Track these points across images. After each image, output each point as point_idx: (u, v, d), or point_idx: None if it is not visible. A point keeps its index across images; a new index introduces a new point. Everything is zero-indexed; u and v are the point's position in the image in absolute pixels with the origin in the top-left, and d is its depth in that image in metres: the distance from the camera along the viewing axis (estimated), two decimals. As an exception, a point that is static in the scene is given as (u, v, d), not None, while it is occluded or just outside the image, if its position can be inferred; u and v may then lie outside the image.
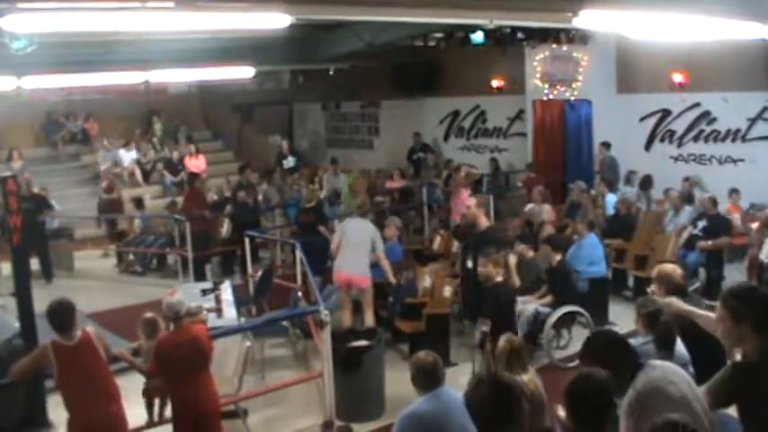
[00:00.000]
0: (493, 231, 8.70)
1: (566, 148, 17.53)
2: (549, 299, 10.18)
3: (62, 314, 6.10)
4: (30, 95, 20.13)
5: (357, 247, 10.54)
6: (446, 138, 20.77)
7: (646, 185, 15.21)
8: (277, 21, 9.76)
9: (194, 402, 6.58)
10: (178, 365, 6.53)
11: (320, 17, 13.58)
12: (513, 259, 10.83)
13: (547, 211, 13.60)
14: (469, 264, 9.68)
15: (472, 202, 8.78)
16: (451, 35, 17.80)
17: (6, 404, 7.77)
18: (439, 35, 18.14)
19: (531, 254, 10.80)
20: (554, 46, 17.05)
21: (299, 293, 11.12)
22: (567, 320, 10.16)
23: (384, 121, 22.27)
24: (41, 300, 7.59)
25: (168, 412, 7.32)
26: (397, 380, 8.13)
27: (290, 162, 20.11)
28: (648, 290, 6.52)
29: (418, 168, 19.90)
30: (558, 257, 10.35)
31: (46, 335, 6.39)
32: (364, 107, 22.65)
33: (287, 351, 10.82)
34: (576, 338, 9.91)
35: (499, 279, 8.68)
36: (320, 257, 11.47)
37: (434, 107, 20.79)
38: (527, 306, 10.02)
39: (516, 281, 10.66)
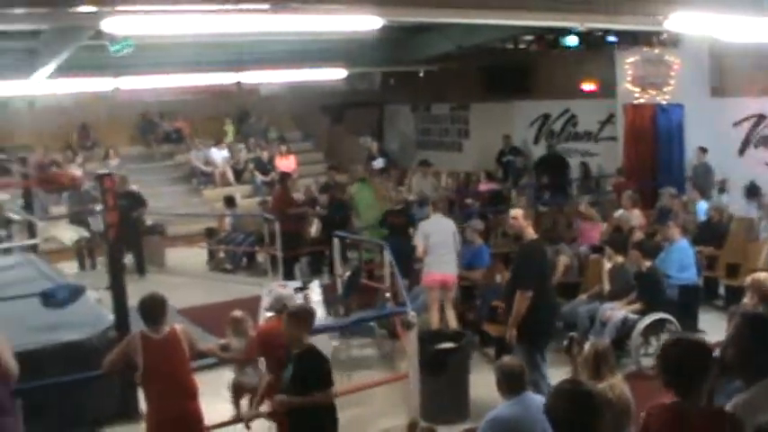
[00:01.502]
0: (537, 243, 8.54)
1: (657, 153, 17.21)
2: (637, 305, 10.02)
3: (153, 308, 6.27)
4: (126, 96, 20.59)
5: (446, 245, 10.63)
6: (536, 141, 20.62)
7: (753, 193, 14.70)
8: (369, 23, 9.85)
9: None
10: (276, 354, 6.66)
11: (411, 19, 13.62)
12: (606, 264, 10.75)
13: (637, 217, 13.39)
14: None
15: (519, 213, 8.63)
16: (542, 38, 17.69)
17: (102, 395, 7.99)
18: (529, 38, 18.03)
19: (620, 259, 10.67)
20: (645, 49, 16.77)
21: (387, 294, 11.17)
22: (656, 328, 9.97)
23: (474, 124, 22.16)
24: (134, 294, 7.79)
25: (262, 407, 7.45)
26: (483, 383, 8.12)
27: (379, 163, 20.19)
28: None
29: (507, 171, 19.78)
30: (648, 263, 10.19)
31: (138, 327, 6.57)
32: (454, 109, 22.59)
33: (373, 351, 10.88)
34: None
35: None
36: (408, 259, 11.51)
37: (524, 110, 20.63)
38: (615, 312, 9.90)
39: (606, 286, 10.57)
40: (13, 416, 5.51)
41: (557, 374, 7.52)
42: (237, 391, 7.61)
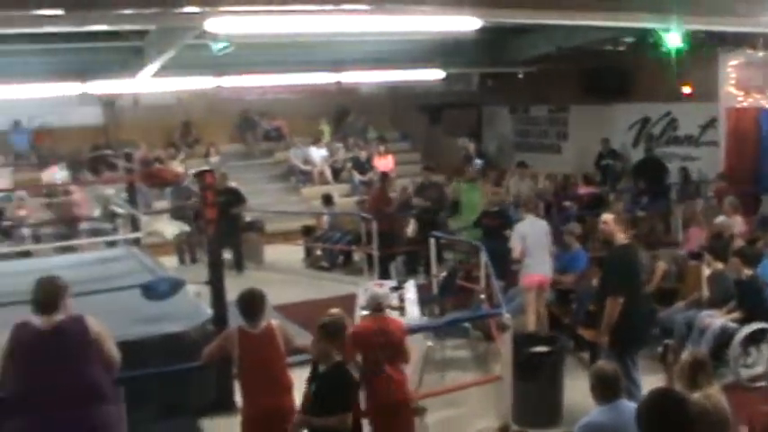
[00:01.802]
0: (628, 248, 8.38)
1: (759, 158, 16.80)
2: (737, 314, 9.76)
3: (252, 303, 6.39)
4: (227, 94, 20.96)
5: (543, 246, 10.63)
6: (635, 144, 20.28)
7: None
8: (467, 24, 9.85)
9: (386, 392, 6.75)
10: (372, 353, 6.73)
11: (510, 20, 13.55)
12: (706, 271, 10.55)
13: (738, 223, 13.08)
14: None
15: (610, 217, 8.49)
16: (643, 39, 17.40)
17: (200, 386, 8.17)
18: (630, 39, 17.76)
19: (720, 266, 10.44)
20: (749, 51, 16.38)
21: (482, 296, 11.15)
22: (757, 338, 9.68)
23: (572, 126, 21.91)
24: (232, 289, 7.93)
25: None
26: (577, 388, 8.01)
27: (476, 164, 20.14)
28: None
29: (605, 175, 19.52)
30: (749, 271, 9.94)
31: (236, 322, 6.69)
32: (553, 111, 22.39)
33: (467, 352, 10.86)
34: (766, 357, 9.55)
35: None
36: (503, 261, 11.47)
37: (624, 113, 20.30)
38: (714, 320, 9.68)
39: (705, 293, 10.37)
40: (116, 404, 5.67)
41: (649, 382, 7.41)
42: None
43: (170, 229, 9.12)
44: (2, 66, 16.65)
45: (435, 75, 19.40)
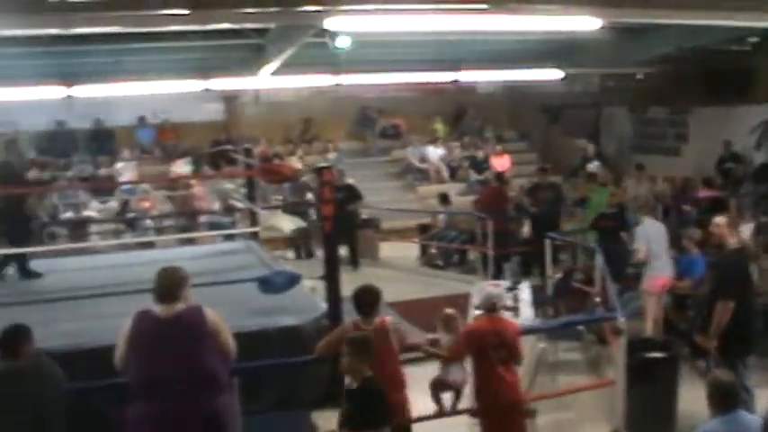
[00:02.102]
0: (739, 253, 8.12)
1: None
2: None
3: (367, 299, 6.44)
4: (346, 92, 21.17)
5: (664, 249, 10.44)
6: (758, 147, 19.64)
7: None
8: (588, 23, 9.72)
9: (498, 393, 6.72)
10: (485, 354, 6.71)
11: (631, 20, 13.32)
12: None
13: None
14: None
15: (722, 221, 8.22)
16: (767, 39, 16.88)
17: (313, 379, 8.26)
18: (754, 39, 17.24)
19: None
20: None
21: (597, 299, 10.99)
22: None
23: (693, 128, 21.38)
24: (347, 284, 7.99)
25: (463, 404, 7.50)
26: (692, 397, 7.84)
27: (593, 166, 19.86)
28: None
29: (727, 178, 18.98)
30: None
31: (350, 317, 6.75)
32: (673, 113, 21.90)
33: (580, 356, 10.74)
34: None
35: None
36: (619, 264, 11.28)
37: (746, 115, 19.67)
38: None
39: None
40: (230, 394, 5.78)
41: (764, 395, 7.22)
42: (438, 387, 7.65)
43: (287, 223, 9.25)
44: (128, 64, 17.21)
45: (554, 75, 19.21)
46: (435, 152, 21.68)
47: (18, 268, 11.26)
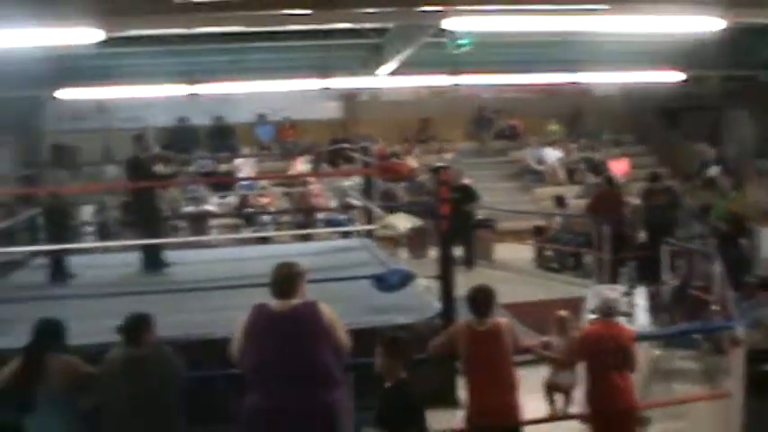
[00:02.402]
0: None
1: None
2: None
3: (481, 300, 6.40)
4: (463, 92, 21.16)
5: None
6: None
7: None
8: (711, 24, 9.50)
9: (611, 399, 6.64)
10: (599, 359, 6.63)
11: (756, 20, 12.94)
12: None
13: None
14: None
15: None
16: None
17: (423, 378, 8.28)
18: None
19: None
20: None
21: (715, 307, 10.72)
22: None
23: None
24: (461, 285, 8.00)
25: (573, 408, 7.43)
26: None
27: (713, 171, 19.35)
28: None
29: None
30: None
31: (463, 317, 6.74)
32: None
33: (695, 365, 10.46)
34: None
35: None
36: (739, 271, 10.98)
37: None
38: None
39: None
40: (344, 389, 5.84)
41: None
42: (551, 389, 7.61)
43: (403, 222, 9.30)
44: (249, 62, 17.57)
45: (674, 77, 18.80)
46: (553, 154, 21.46)
47: (146, 258, 11.65)
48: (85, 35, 9.56)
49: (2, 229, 13.43)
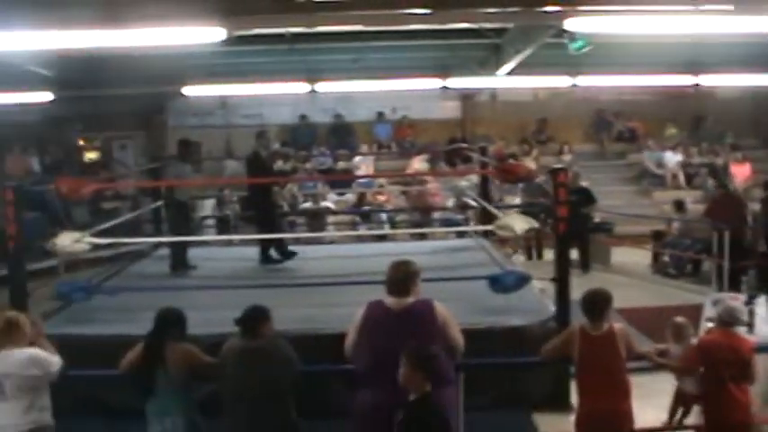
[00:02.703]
0: None
1: None
2: None
3: (597, 303, 6.32)
4: (582, 93, 20.93)
5: None
6: None
7: None
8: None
9: (727, 411, 6.48)
10: (717, 369, 6.49)
11: None
12: None
13: None
14: None
15: None
16: None
17: (536, 381, 8.26)
18: None
19: None
20: None
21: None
22: None
23: None
24: (576, 288, 7.93)
25: (691, 419, 7.29)
26: None
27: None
28: None
29: None
30: None
31: (578, 320, 6.67)
32: None
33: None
34: None
35: None
36: None
37: None
38: None
39: None
40: (455, 388, 5.86)
41: None
42: (679, 398, 7.44)
43: (519, 224, 9.24)
44: (368, 61, 17.73)
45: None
46: (673, 158, 21.02)
47: (261, 253, 11.90)
48: (209, 34, 9.82)
49: (127, 221, 13.91)
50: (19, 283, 8.70)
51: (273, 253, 11.89)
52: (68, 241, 9.22)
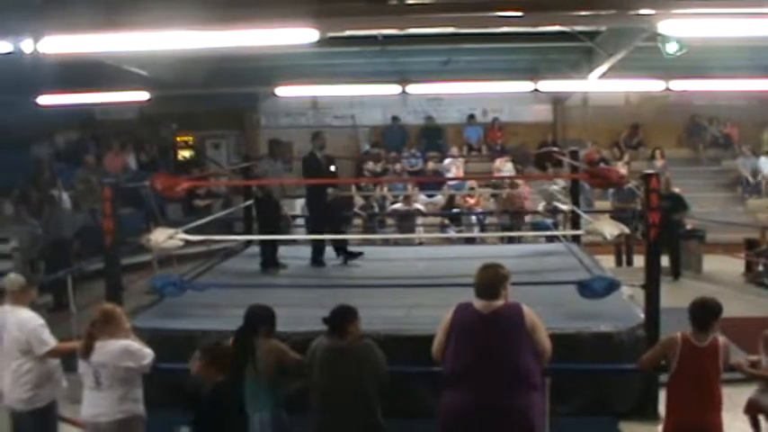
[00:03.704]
0: None
1: None
2: None
3: (706, 313, 6.17)
4: (676, 98, 20.61)
5: None
6: None
7: None
8: None
9: None
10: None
11: None
12: None
13: None
14: None
15: None
16: None
17: (624, 389, 8.17)
18: None
19: None
20: None
21: None
22: None
23: None
24: (667, 295, 7.83)
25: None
26: None
27: None
28: None
29: None
30: None
31: (667, 330, 6.57)
32: None
33: None
34: None
35: None
36: None
37: None
38: None
39: None
40: (541, 393, 5.83)
41: None
42: (751, 408, 7.30)
43: (609, 229, 9.14)
44: (459, 63, 17.76)
45: None
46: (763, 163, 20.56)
47: (312, 254, 11.96)
48: (302, 35, 9.95)
49: (219, 219, 14.16)
50: (114, 276, 8.95)
51: (323, 257, 11.99)
52: (162, 237, 9.43)
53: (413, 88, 18.63)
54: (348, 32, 13.40)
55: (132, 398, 6.17)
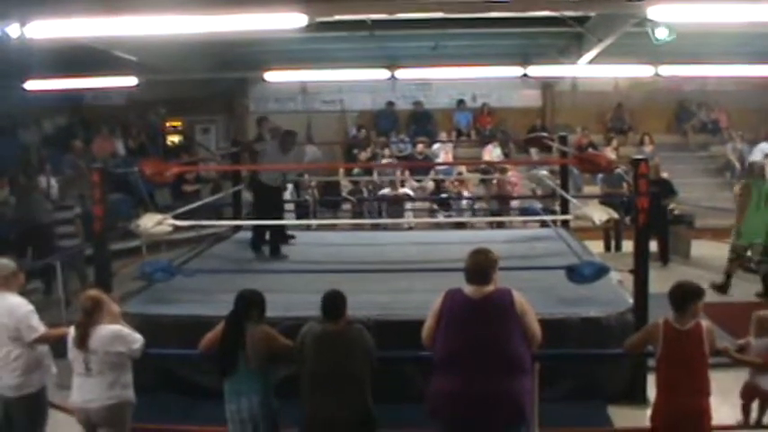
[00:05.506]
0: None
1: None
2: None
3: (686, 297, 6.09)
4: (665, 83, 20.63)
5: None
6: None
7: None
8: None
9: None
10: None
11: None
12: None
13: None
14: None
15: None
16: None
17: (612, 373, 8.21)
18: None
19: None
20: None
21: None
22: None
23: None
24: (655, 281, 7.84)
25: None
26: None
27: None
28: None
29: None
30: None
31: (656, 315, 6.59)
32: None
33: None
34: None
35: None
36: None
37: None
38: None
39: None
40: (530, 378, 5.83)
41: None
42: (748, 393, 7.32)
43: (598, 214, 9.16)
44: (448, 48, 17.73)
45: None
46: (759, 150, 20.54)
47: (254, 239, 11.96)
48: (290, 20, 9.91)
49: (208, 204, 14.13)
50: (103, 262, 8.94)
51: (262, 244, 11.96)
52: (151, 223, 9.41)
53: (402, 73, 18.57)
54: (337, 17, 13.35)
55: (122, 383, 6.16)
